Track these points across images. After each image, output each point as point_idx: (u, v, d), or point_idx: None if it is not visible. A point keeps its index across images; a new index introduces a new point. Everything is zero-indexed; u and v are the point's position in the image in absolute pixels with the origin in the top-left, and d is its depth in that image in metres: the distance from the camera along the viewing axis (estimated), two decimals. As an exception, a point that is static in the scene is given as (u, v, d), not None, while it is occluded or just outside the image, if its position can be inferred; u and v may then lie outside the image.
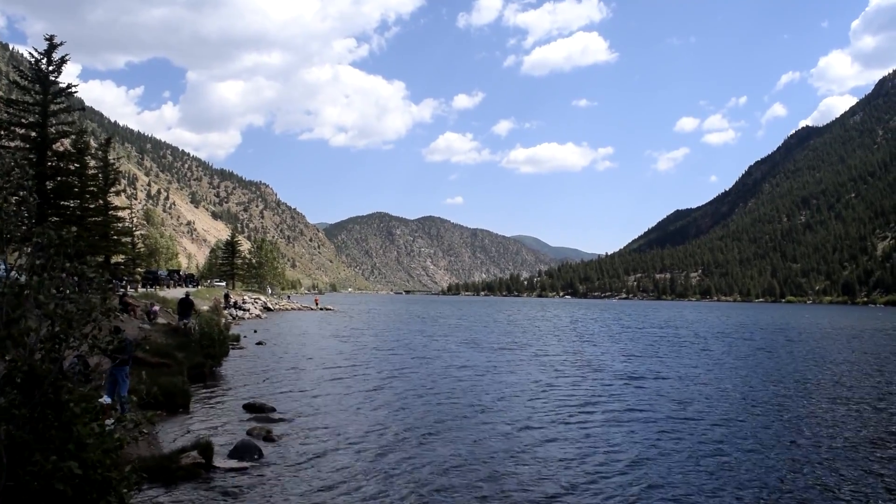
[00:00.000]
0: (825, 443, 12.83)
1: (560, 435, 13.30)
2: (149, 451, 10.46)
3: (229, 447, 11.08)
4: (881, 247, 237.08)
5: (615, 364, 26.16)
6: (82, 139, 39.67)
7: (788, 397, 18.28)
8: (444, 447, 12.10)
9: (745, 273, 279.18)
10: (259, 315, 58.22)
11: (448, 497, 9.34)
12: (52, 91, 35.37)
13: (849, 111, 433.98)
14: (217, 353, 21.78)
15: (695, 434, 13.42)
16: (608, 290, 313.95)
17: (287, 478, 9.94)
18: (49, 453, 4.76)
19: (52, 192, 35.86)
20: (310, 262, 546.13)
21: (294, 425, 13.58)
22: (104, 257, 43.40)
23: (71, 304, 5.24)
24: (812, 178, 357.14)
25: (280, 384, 19.21)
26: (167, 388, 14.01)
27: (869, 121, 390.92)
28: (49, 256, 5.31)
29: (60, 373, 5.09)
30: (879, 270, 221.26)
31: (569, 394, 18.42)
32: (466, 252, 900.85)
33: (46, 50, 34.39)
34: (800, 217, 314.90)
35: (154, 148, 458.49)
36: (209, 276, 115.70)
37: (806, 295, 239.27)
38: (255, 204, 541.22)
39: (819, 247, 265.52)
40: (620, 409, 16.27)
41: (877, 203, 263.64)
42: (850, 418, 15.38)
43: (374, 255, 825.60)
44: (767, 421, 14.94)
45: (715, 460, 11.44)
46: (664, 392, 18.86)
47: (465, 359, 27.42)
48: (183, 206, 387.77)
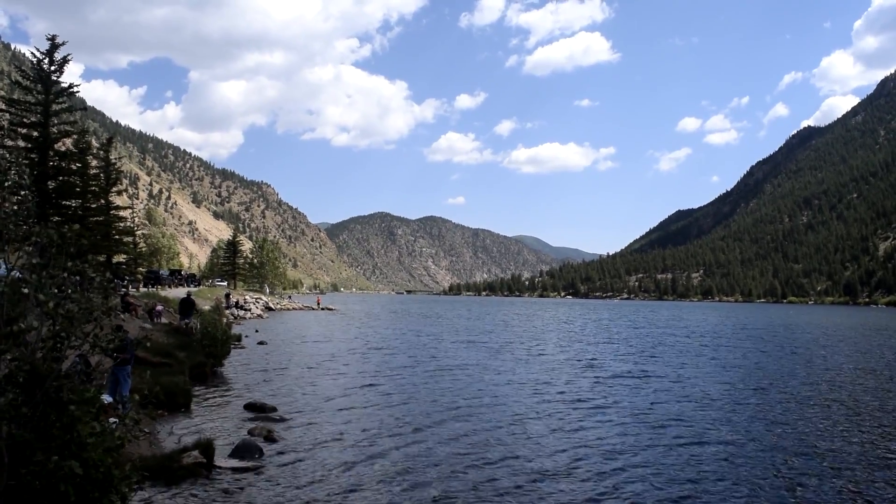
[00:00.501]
0: (822, 443, 12.83)
1: (566, 437, 13.28)
2: (150, 450, 10.47)
3: (230, 447, 11.09)
4: (883, 247, 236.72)
5: (612, 363, 26.15)
6: (84, 139, 39.68)
7: (786, 397, 18.27)
8: (445, 446, 12.10)
9: (747, 273, 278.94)
10: (261, 315, 58.27)
11: (449, 496, 9.34)
12: (53, 91, 35.41)
13: (850, 111, 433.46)
14: (218, 352, 21.76)
15: (686, 432, 13.41)
16: (609, 291, 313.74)
17: (288, 478, 9.94)
18: (51, 452, 4.76)
19: (54, 191, 35.92)
20: (311, 262, 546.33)
21: (295, 425, 13.58)
22: (106, 257, 43.43)
23: (72, 304, 5.24)
24: (814, 179, 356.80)
25: (281, 384, 19.21)
26: (169, 387, 14.02)
27: (871, 121, 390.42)
28: (50, 256, 5.31)
29: (61, 372, 5.09)
30: (881, 271, 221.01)
31: (568, 393, 18.40)
32: (468, 252, 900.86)
33: (48, 50, 34.43)
34: (801, 217, 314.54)
35: (156, 147, 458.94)
36: (211, 276, 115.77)
37: (807, 295, 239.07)
38: (257, 204, 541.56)
39: (821, 247, 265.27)
40: (616, 407, 16.27)
41: (878, 203, 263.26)
42: (843, 417, 15.37)
43: (375, 255, 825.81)
44: (759, 419, 14.93)
45: (709, 458, 11.44)
46: (661, 390, 18.85)
47: (466, 358, 27.42)
48: (184, 206, 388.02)
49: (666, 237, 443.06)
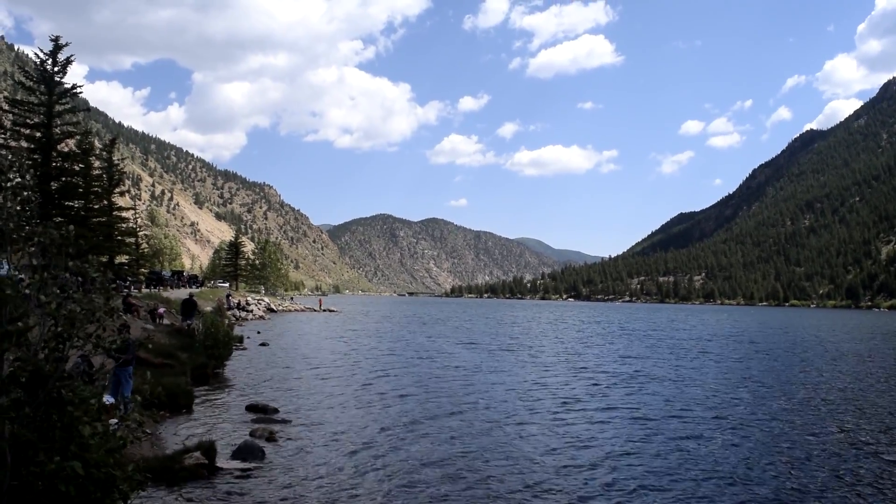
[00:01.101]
0: (817, 445, 12.80)
1: (564, 439, 13.26)
2: (152, 451, 10.47)
3: (232, 448, 11.08)
4: (885, 251, 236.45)
5: (609, 366, 26.12)
6: (87, 140, 39.79)
7: (780, 397, 18.25)
8: (447, 448, 12.09)
9: (749, 276, 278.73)
10: (262, 316, 58.33)
11: (449, 497, 9.31)
12: (57, 92, 35.46)
13: (853, 115, 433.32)
14: (220, 353, 21.77)
15: (681, 435, 13.40)
16: (611, 293, 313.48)
17: (289, 479, 9.93)
18: (53, 453, 4.75)
19: (57, 192, 35.95)
20: (313, 263, 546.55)
21: (297, 426, 13.58)
22: (108, 257, 43.49)
23: (74, 304, 5.24)
24: (816, 182, 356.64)
25: (283, 385, 19.21)
26: (170, 388, 14.03)
27: (873, 124, 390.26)
28: (51, 256, 5.31)
29: (64, 372, 5.08)
30: (883, 274, 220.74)
31: (568, 393, 18.38)
32: (470, 254, 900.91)
33: (52, 51, 34.49)
34: (804, 221, 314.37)
35: (158, 149, 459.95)
36: (212, 277, 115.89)
37: (810, 299, 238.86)
38: (259, 205, 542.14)
39: (823, 251, 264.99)
40: (611, 408, 16.24)
41: (881, 207, 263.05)
42: (833, 419, 15.34)
43: (377, 257, 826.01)
44: (753, 420, 14.91)
45: (703, 457, 11.42)
46: (656, 393, 18.82)
47: (467, 360, 27.39)
48: (187, 207, 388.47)
49: (668, 240, 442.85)
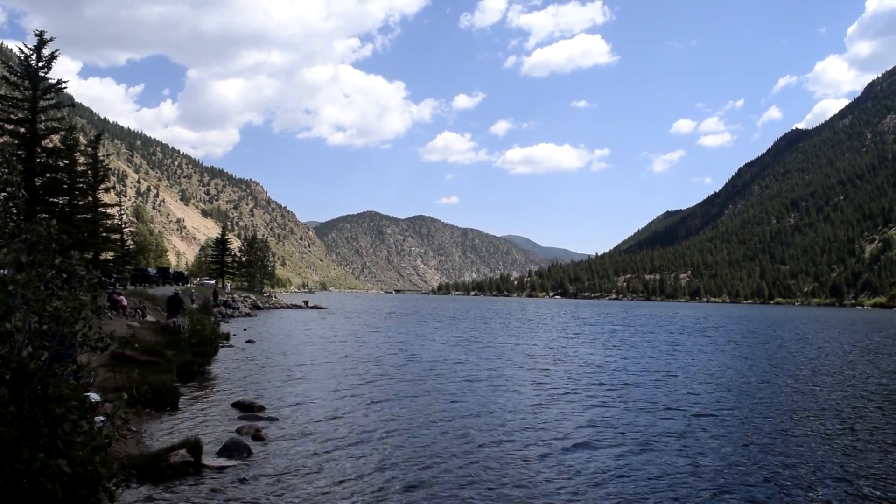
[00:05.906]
0: (812, 440, 12.95)
1: (554, 433, 13.34)
2: (137, 449, 10.42)
3: (218, 445, 11.05)
4: (869, 249, 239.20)
5: (600, 362, 26.28)
6: (72, 135, 39.40)
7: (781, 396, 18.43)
8: (433, 443, 12.12)
9: (735, 274, 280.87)
10: (249, 313, 58.09)
11: (437, 494, 9.36)
12: (41, 87, 35.11)
13: (838, 114, 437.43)
14: (206, 351, 21.68)
15: (678, 429, 13.52)
16: (598, 291, 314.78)
17: (276, 476, 9.92)
18: (38, 451, 4.74)
19: (41, 188, 35.62)
20: (300, 260, 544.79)
21: (283, 424, 13.56)
22: (93, 254, 43.15)
23: (59, 301, 5.22)
24: (801, 181, 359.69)
25: (269, 382, 19.16)
26: (156, 386, 13.95)
27: (858, 124, 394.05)
28: (38, 253, 5.29)
29: (49, 370, 5.07)
30: (867, 273, 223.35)
31: (556, 390, 18.48)
32: (457, 251, 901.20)
33: (36, 46, 34.12)
34: (789, 219, 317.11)
35: (144, 145, 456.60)
36: (199, 274, 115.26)
37: (794, 297, 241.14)
38: (246, 202, 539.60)
39: (807, 249, 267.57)
40: (607, 407, 16.35)
41: (865, 206, 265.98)
42: (827, 414, 15.53)
43: (364, 254, 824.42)
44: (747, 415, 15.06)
45: (699, 455, 11.54)
46: (650, 387, 18.96)
47: (453, 356, 27.42)
48: (173, 204, 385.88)
49: (654, 238, 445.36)
